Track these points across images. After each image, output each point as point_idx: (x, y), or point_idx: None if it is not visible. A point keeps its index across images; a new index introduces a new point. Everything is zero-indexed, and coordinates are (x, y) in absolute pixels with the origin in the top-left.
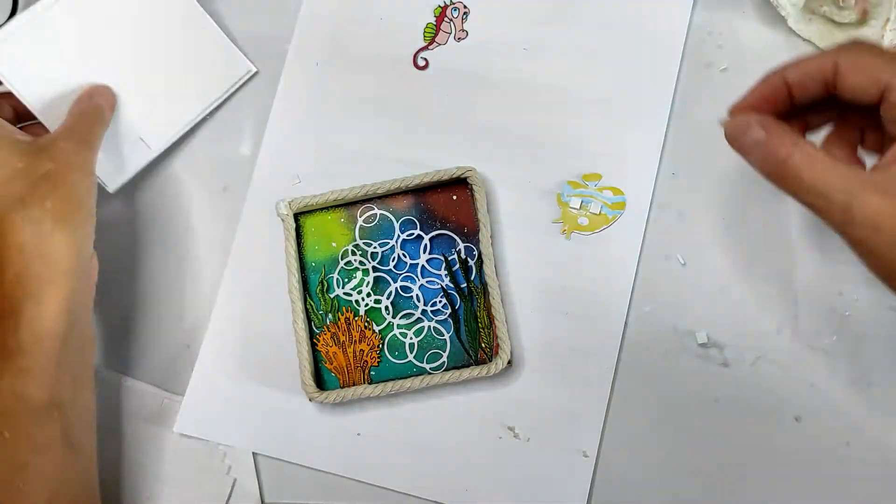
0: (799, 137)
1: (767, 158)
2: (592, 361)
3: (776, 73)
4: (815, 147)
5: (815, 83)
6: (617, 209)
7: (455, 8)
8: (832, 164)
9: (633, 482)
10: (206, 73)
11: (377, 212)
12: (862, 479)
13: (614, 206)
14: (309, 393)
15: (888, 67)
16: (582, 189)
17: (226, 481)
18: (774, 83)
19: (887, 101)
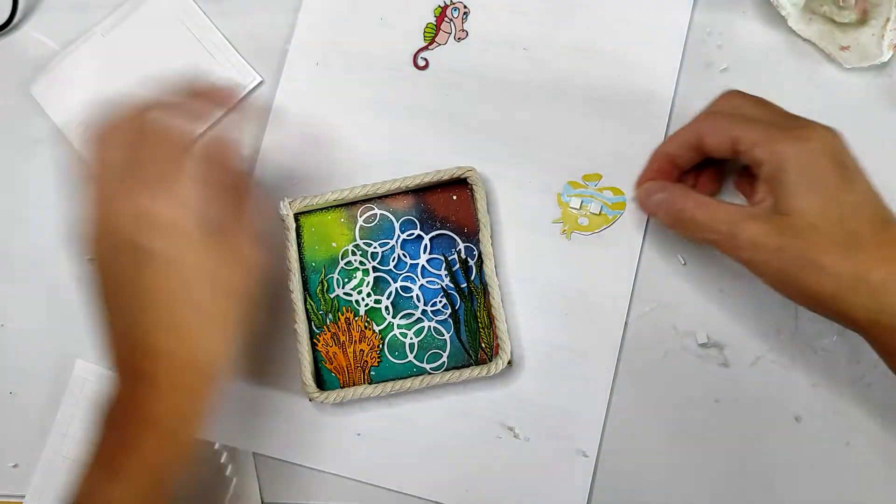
0: (690, 191)
1: (669, 212)
2: (592, 362)
3: (659, 150)
4: (701, 195)
5: (690, 151)
6: (617, 209)
7: (455, 8)
8: (717, 205)
9: (632, 482)
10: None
11: (377, 212)
12: (862, 479)
13: (614, 206)
14: (309, 393)
15: (734, 125)
16: (582, 189)
17: (226, 481)
18: (659, 159)
19: (738, 152)
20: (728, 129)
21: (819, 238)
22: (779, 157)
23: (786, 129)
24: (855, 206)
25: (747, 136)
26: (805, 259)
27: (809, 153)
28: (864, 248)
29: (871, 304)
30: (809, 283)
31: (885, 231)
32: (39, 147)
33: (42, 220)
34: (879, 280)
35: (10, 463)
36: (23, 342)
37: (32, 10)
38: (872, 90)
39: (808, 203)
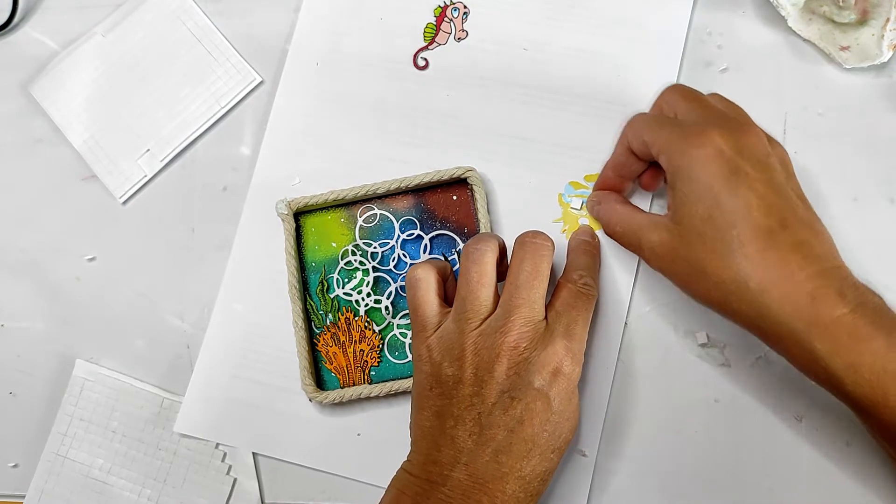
0: (618, 203)
1: (601, 221)
2: (592, 362)
3: (605, 165)
4: (623, 206)
5: (627, 159)
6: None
7: (455, 8)
8: (631, 214)
9: (632, 482)
10: (213, 85)
11: (377, 212)
12: (862, 479)
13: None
14: (309, 393)
15: (646, 129)
16: (583, 190)
17: (226, 481)
18: (606, 172)
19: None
20: (643, 133)
21: (703, 246)
22: (673, 167)
23: (686, 137)
24: (738, 212)
25: (654, 144)
26: (694, 267)
27: (699, 160)
28: (744, 256)
29: (750, 311)
30: (700, 289)
31: (770, 237)
32: (39, 147)
33: (42, 220)
34: (757, 287)
35: (10, 463)
36: (23, 342)
37: (32, 10)
38: (872, 90)
39: (694, 211)
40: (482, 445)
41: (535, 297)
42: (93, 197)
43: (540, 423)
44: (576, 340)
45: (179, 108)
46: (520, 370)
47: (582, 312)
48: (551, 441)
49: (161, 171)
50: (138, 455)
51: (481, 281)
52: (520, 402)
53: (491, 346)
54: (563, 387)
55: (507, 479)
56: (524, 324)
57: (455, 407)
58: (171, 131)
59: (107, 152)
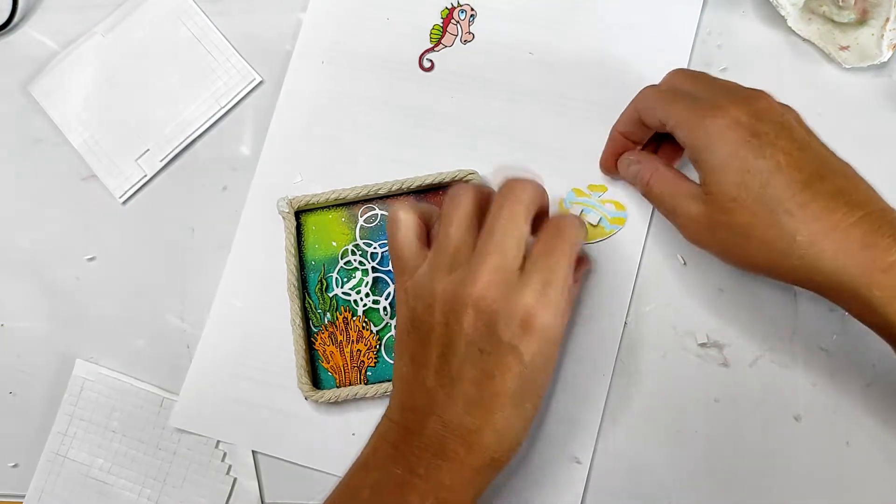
0: (659, 163)
1: (639, 182)
2: (589, 367)
3: (613, 129)
4: (666, 168)
5: (637, 127)
6: (616, 224)
7: (462, 10)
8: (672, 180)
9: (628, 485)
10: (213, 85)
11: (378, 212)
12: (862, 479)
13: (614, 221)
14: (305, 392)
15: (661, 104)
16: (585, 198)
17: (226, 481)
18: (615, 137)
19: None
20: (656, 109)
21: (743, 211)
22: (693, 139)
23: (700, 109)
24: (769, 172)
25: (669, 119)
26: (736, 233)
27: (718, 130)
28: (786, 212)
29: (802, 266)
30: (746, 255)
31: (807, 190)
32: (39, 147)
33: (42, 220)
34: (805, 241)
35: (10, 463)
36: (23, 342)
37: (32, 10)
38: (872, 90)
39: (724, 179)
40: (453, 398)
41: (508, 243)
42: (93, 197)
43: (511, 378)
44: (553, 288)
45: (179, 108)
46: (488, 322)
47: (561, 258)
48: (525, 394)
49: (161, 171)
50: (138, 455)
51: (458, 225)
52: (489, 356)
53: (460, 296)
54: (536, 341)
55: (481, 431)
56: (492, 272)
57: (427, 355)
58: (171, 131)
59: (107, 152)
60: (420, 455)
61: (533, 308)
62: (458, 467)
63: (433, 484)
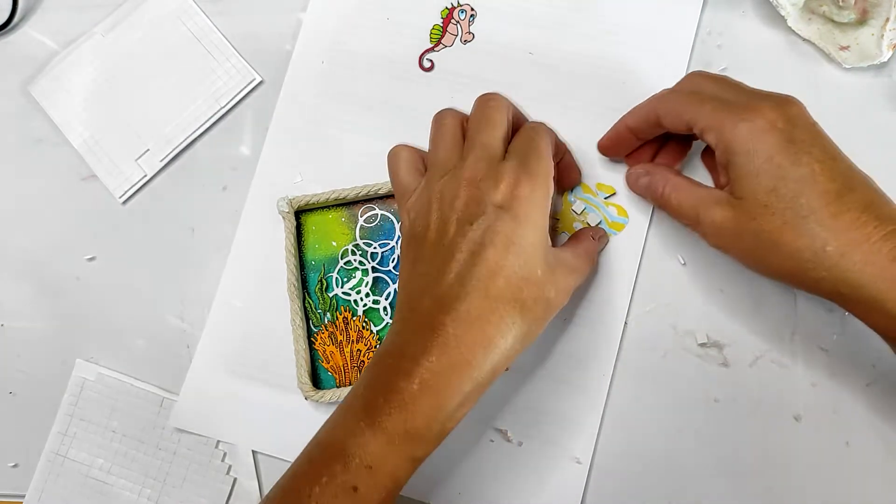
0: (670, 173)
1: (652, 194)
2: (589, 367)
3: (621, 122)
4: (679, 177)
5: (648, 126)
6: (614, 229)
7: (462, 10)
8: (689, 188)
9: (628, 485)
10: (213, 85)
11: (378, 212)
12: (862, 479)
13: (613, 225)
14: (305, 391)
15: (687, 107)
16: (590, 196)
17: (226, 481)
18: (619, 129)
19: (696, 134)
20: (682, 111)
21: (773, 218)
22: (726, 142)
23: (733, 111)
24: (803, 180)
25: (698, 121)
26: (764, 240)
27: (754, 133)
28: (817, 222)
29: (830, 277)
30: (772, 263)
31: (839, 201)
32: (39, 147)
33: (42, 220)
34: (835, 252)
35: (10, 463)
36: (23, 342)
37: (32, 10)
38: (872, 90)
39: (757, 184)
40: (445, 273)
41: (487, 139)
42: (93, 197)
43: (503, 245)
44: (532, 163)
45: (179, 108)
46: (478, 198)
47: (535, 141)
48: (521, 275)
49: (161, 171)
50: (138, 455)
51: (445, 144)
52: (479, 224)
53: (451, 188)
54: (525, 210)
55: (472, 302)
56: (477, 160)
57: (425, 249)
58: (171, 131)
59: (107, 152)
60: (411, 338)
61: (515, 177)
62: (446, 346)
63: (421, 365)
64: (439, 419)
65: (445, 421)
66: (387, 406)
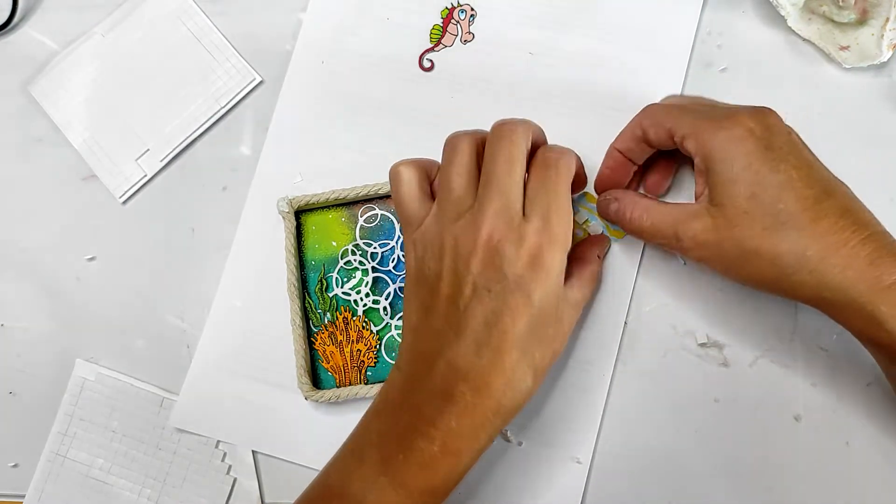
0: (639, 198)
1: (622, 220)
2: (589, 367)
3: (611, 147)
4: (648, 200)
5: (638, 144)
6: (616, 237)
7: (462, 10)
8: (661, 208)
9: (630, 482)
10: (213, 85)
11: (378, 212)
12: (862, 479)
13: (613, 233)
14: (305, 391)
15: (668, 116)
16: (593, 205)
17: (226, 481)
18: (613, 155)
19: (677, 144)
20: (663, 120)
21: (752, 224)
22: (705, 148)
23: (712, 120)
24: (782, 186)
25: (679, 129)
26: (743, 248)
27: (732, 140)
28: (796, 227)
29: (811, 281)
30: (753, 271)
31: (817, 207)
32: (39, 147)
33: (42, 220)
34: (816, 256)
35: (10, 463)
36: (23, 342)
37: (32, 10)
38: (872, 90)
39: (736, 191)
40: (461, 339)
41: (508, 186)
42: (93, 197)
43: (520, 318)
44: (556, 220)
45: (179, 108)
46: (495, 262)
47: (557, 188)
48: (535, 339)
49: (161, 171)
50: (138, 455)
51: (458, 174)
52: (497, 295)
53: (466, 241)
54: (544, 279)
55: (489, 373)
56: (496, 215)
57: (436, 301)
58: (171, 131)
59: (107, 152)
60: (427, 399)
61: (538, 243)
62: (464, 411)
63: (440, 429)
64: (457, 473)
65: (462, 473)
66: (406, 464)
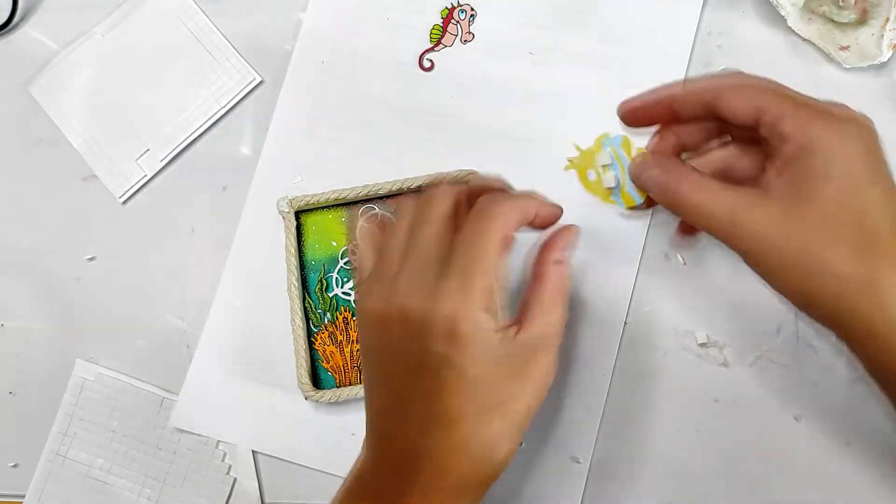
0: (688, 169)
1: (663, 191)
2: (589, 367)
3: (665, 87)
4: (700, 175)
5: (698, 103)
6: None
7: (462, 10)
8: (717, 187)
9: (630, 482)
10: (213, 85)
11: (378, 212)
12: (862, 479)
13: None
14: (305, 391)
15: (761, 92)
16: (624, 154)
17: (226, 481)
18: (661, 95)
19: (764, 122)
20: (756, 94)
21: (832, 232)
22: (808, 136)
23: (819, 108)
24: (879, 202)
25: (775, 107)
26: (811, 254)
27: (842, 136)
28: (879, 250)
29: (872, 310)
30: (811, 283)
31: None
32: (39, 147)
33: (42, 220)
34: (889, 286)
35: (10, 463)
36: (23, 342)
37: (32, 10)
38: (872, 90)
39: (830, 190)
40: (407, 419)
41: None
42: (93, 197)
43: (456, 393)
44: (476, 278)
45: (179, 108)
46: (417, 334)
47: (477, 242)
48: (484, 408)
49: (161, 171)
50: (138, 455)
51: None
52: (426, 371)
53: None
54: (469, 347)
55: (442, 450)
56: (409, 279)
57: (376, 376)
58: (171, 131)
59: (107, 152)
60: (390, 479)
61: (452, 310)
62: (429, 491)
63: None
64: None
65: None
66: None
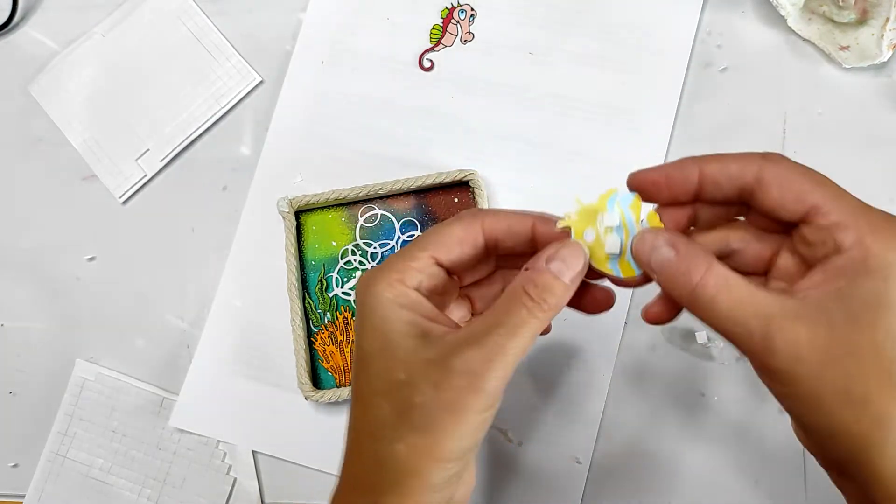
0: (710, 257)
1: (677, 281)
2: (589, 367)
3: (694, 160)
4: (726, 269)
5: (732, 185)
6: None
7: (462, 10)
8: (744, 287)
9: (630, 482)
10: (213, 85)
11: (378, 212)
12: None
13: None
14: (305, 391)
15: (816, 188)
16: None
17: (226, 481)
18: (688, 169)
19: (813, 223)
20: (809, 190)
21: (881, 367)
22: (869, 251)
23: (882, 218)
24: None
25: (834, 211)
26: (849, 388)
27: None
28: None
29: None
30: (842, 418)
31: None
32: (39, 147)
33: (42, 220)
34: None
35: (10, 463)
36: (23, 342)
37: (32, 10)
38: (872, 90)
39: (881, 319)
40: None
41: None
42: (93, 197)
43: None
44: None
45: (179, 108)
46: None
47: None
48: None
49: (161, 171)
50: (138, 455)
51: None
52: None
53: None
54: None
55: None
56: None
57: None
58: (171, 131)
59: (107, 152)
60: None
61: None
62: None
63: None
64: None
65: None
66: None
